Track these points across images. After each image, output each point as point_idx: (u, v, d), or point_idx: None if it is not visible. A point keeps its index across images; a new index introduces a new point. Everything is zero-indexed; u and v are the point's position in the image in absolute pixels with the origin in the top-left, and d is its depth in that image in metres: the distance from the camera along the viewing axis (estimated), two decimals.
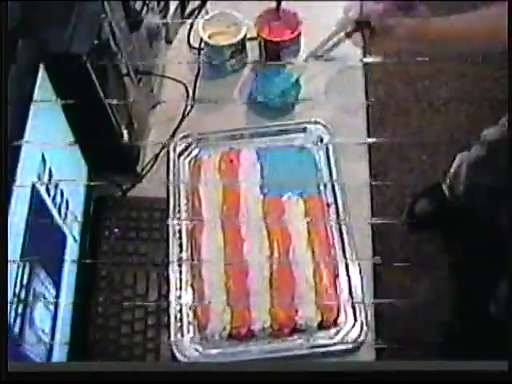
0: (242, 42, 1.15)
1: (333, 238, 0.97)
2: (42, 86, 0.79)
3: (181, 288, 0.94)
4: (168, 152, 1.07)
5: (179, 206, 1.02)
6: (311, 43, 1.17)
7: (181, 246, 0.98)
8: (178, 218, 1.00)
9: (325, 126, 1.08)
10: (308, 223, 0.99)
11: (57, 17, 0.83)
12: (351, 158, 1.06)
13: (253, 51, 1.20)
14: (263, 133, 1.09)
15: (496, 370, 0.45)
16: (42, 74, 0.79)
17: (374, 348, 0.90)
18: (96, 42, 0.83)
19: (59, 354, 0.83)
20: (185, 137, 1.08)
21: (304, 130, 1.09)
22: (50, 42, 0.81)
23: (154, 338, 0.92)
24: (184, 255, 0.97)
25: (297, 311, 0.91)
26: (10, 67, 0.73)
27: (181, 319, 0.91)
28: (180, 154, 1.07)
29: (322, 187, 1.02)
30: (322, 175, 1.03)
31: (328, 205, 1.00)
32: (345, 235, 0.97)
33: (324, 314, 0.91)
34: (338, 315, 0.91)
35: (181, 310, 0.92)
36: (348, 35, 1.06)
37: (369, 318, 0.90)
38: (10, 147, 0.69)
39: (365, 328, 0.89)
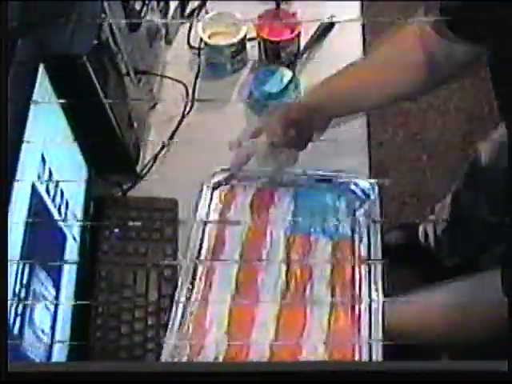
0: (242, 41, 1.15)
1: (359, 283, 0.92)
2: (42, 85, 0.79)
3: (185, 308, 0.91)
4: (201, 187, 1.03)
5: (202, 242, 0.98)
6: None
7: (195, 266, 0.95)
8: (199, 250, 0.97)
9: (369, 182, 1.02)
10: (333, 266, 0.94)
11: (57, 17, 0.83)
12: (351, 157, 1.06)
13: (253, 51, 1.20)
14: (303, 179, 1.03)
15: (496, 370, 0.45)
16: (41, 73, 0.79)
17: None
18: (96, 42, 0.83)
19: (59, 354, 0.83)
20: (220, 171, 1.03)
21: (347, 182, 1.02)
22: (49, 42, 0.81)
23: (153, 338, 0.91)
24: (196, 282, 0.94)
25: (301, 350, 0.86)
26: (9, 67, 0.73)
27: (176, 344, 0.88)
28: (214, 189, 1.03)
29: (356, 238, 0.97)
30: (359, 226, 0.98)
31: (359, 257, 0.95)
32: (373, 281, 0.91)
33: (333, 355, 0.85)
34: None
35: (181, 328, 0.89)
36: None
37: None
38: (10, 147, 0.69)
39: None
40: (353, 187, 1.02)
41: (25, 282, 0.72)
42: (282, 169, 1.00)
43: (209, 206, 1.01)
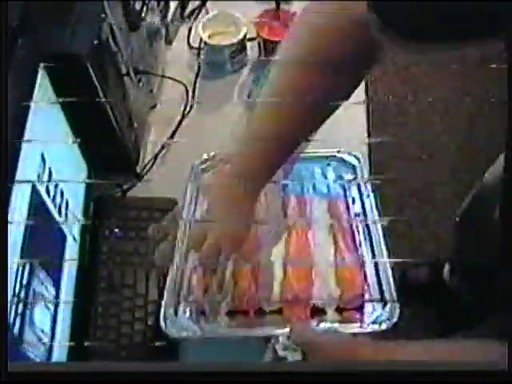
0: (242, 41, 1.16)
1: (359, 238, 0.88)
2: (42, 85, 0.79)
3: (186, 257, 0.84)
4: (192, 167, 0.99)
5: (195, 205, 0.93)
6: None
7: None
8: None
9: (358, 159, 0.99)
10: (331, 222, 0.90)
11: (57, 17, 0.83)
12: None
13: (253, 51, 1.20)
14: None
15: (496, 369, 0.45)
16: (41, 73, 0.79)
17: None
18: (96, 42, 0.83)
19: (59, 354, 0.83)
20: (211, 157, 0.99)
21: (334, 156, 1.00)
22: (50, 42, 0.81)
23: (153, 338, 0.92)
24: None
25: (313, 284, 0.82)
26: (10, 67, 0.73)
27: (179, 290, 0.82)
28: (204, 170, 0.99)
29: (349, 198, 0.94)
30: (349, 188, 0.95)
31: (356, 214, 0.92)
32: (373, 238, 0.88)
33: (345, 290, 0.81)
34: (362, 294, 0.81)
35: (182, 278, 0.83)
36: None
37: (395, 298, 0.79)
38: (10, 147, 0.69)
39: (396, 309, 0.78)
40: (340, 157, 0.99)
41: (25, 282, 0.72)
42: None
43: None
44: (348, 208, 0.93)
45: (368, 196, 0.94)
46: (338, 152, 1.00)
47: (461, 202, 1.37)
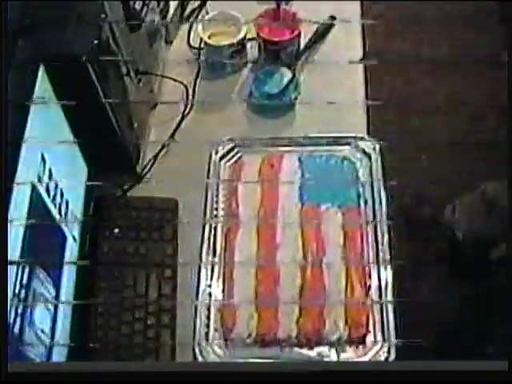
0: (242, 42, 1.16)
1: (368, 254, 0.97)
2: (42, 85, 0.79)
3: (210, 287, 0.95)
4: (210, 155, 1.07)
5: (217, 203, 1.02)
6: None
7: (214, 246, 0.98)
8: (216, 216, 1.01)
9: (370, 142, 1.08)
10: (344, 236, 0.98)
11: (57, 17, 0.83)
12: None
13: (253, 51, 1.20)
14: (307, 142, 1.09)
15: (496, 370, 0.45)
16: (41, 73, 0.79)
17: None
18: (96, 41, 0.83)
19: (59, 354, 0.83)
20: (227, 140, 1.08)
21: (349, 143, 1.08)
22: (49, 42, 0.81)
23: (154, 338, 0.92)
24: (217, 256, 0.97)
25: (325, 324, 0.91)
26: (10, 67, 0.73)
27: (207, 323, 0.92)
28: (222, 158, 1.07)
29: (362, 201, 1.01)
30: (363, 189, 1.03)
31: (367, 222, 0.99)
32: (381, 252, 0.96)
33: (352, 329, 0.91)
34: (366, 332, 0.90)
35: (209, 311, 0.93)
36: None
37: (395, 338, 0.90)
38: (10, 147, 0.69)
39: (393, 348, 0.89)
40: (354, 149, 1.07)
41: (25, 282, 0.72)
42: None
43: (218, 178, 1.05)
44: (361, 217, 1.00)
45: (380, 201, 1.01)
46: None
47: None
